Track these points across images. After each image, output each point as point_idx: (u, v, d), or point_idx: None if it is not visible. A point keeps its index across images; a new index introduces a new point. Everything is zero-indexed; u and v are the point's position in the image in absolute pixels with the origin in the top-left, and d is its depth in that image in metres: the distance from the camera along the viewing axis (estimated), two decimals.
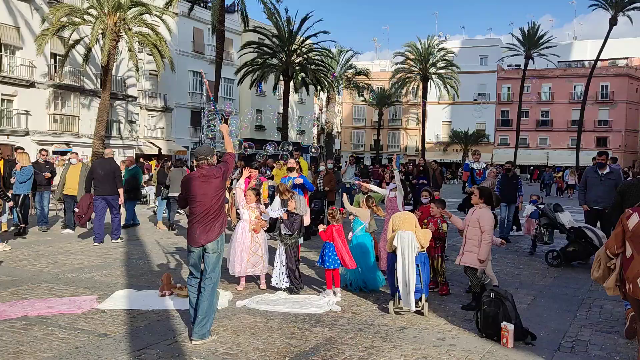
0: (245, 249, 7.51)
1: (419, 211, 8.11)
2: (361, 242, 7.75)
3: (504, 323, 5.43)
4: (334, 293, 7.19)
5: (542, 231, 10.02)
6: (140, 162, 24.76)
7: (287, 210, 7.56)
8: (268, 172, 12.52)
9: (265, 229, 7.72)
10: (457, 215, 7.77)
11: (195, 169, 5.75)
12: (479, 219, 6.73)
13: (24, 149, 13.01)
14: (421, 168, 16.66)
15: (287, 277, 7.35)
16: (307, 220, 9.35)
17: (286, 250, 7.39)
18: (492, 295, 5.66)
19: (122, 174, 12.91)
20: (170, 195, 13.12)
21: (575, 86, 57.34)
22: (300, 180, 9.52)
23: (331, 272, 7.19)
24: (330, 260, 7.13)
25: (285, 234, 7.46)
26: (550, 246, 10.19)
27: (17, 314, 6.08)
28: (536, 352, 5.31)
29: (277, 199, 8.12)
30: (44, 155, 13.36)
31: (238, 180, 9.47)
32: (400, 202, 8.60)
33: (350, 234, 7.82)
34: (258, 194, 7.86)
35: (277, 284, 7.39)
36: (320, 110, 69.60)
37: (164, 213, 14.11)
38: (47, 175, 12.59)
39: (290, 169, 9.76)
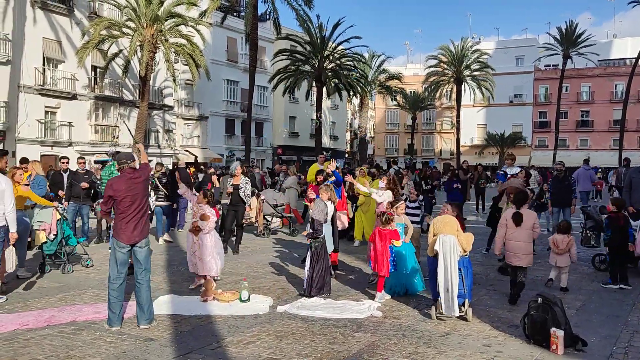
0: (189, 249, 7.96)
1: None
2: (402, 246, 7.65)
3: (553, 329, 5.27)
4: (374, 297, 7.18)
5: (589, 234, 9.70)
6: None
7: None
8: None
9: (206, 232, 7.82)
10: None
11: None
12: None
13: (69, 158, 12.47)
14: (457, 172, 16.55)
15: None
16: (342, 224, 9.38)
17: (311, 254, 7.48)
18: (540, 300, 5.51)
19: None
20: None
21: (616, 85, 55.69)
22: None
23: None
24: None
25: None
26: (597, 250, 9.87)
27: (65, 319, 6.24)
28: (588, 359, 5.15)
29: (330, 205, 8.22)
30: (81, 164, 12.46)
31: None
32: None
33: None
34: (206, 196, 8.09)
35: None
36: (353, 115, 69.54)
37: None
38: (85, 185, 11.61)
39: (328, 175, 9.83)
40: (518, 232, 7.01)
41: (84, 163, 12.81)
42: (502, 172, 11.56)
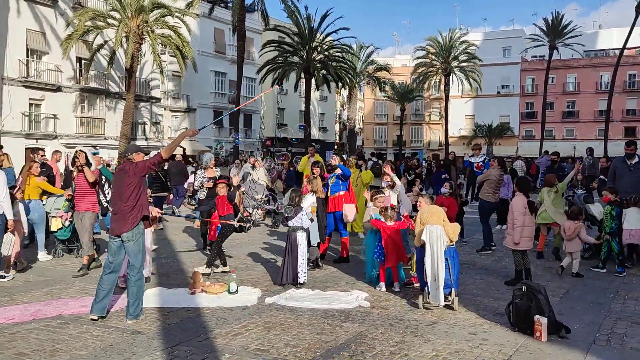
0: None
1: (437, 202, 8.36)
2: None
3: (537, 316, 5.35)
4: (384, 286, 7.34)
5: None
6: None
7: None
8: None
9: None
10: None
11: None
12: (512, 206, 7.51)
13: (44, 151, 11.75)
14: (442, 162, 16.61)
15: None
16: (350, 217, 9.39)
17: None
18: (524, 288, 5.58)
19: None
20: None
21: (601, 76, 56.13)
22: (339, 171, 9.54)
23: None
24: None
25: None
26: None
27: (51, 313, 6.20)
28: (571, 345, 5.22)
29: (311, 197, 8.20)
30: (42, 156, 11.34)
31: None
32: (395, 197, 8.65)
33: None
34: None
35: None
36: (342, 106, 69.48)
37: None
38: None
39: (331, 167, 9.72)
40: (530, 217, 7.52)
41: (44, 155, 11.62)
42: (468, 160, 12.15)
